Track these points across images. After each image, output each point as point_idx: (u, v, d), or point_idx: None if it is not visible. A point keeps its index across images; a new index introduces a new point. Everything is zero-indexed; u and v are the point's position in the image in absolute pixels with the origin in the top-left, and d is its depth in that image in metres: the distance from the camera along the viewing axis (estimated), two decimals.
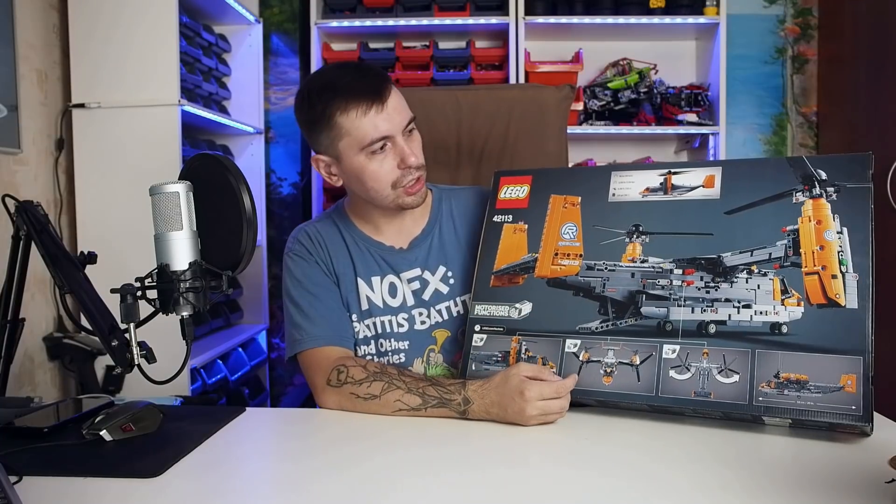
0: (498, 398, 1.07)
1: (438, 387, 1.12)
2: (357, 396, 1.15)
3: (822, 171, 1.07)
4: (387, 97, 1.21)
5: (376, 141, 1.21)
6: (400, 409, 1.12)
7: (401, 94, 1.26)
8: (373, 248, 1.34)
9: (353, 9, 2.83)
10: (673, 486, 0.85)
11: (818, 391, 0.97)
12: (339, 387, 1.17)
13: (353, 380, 1.16)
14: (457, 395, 1.10)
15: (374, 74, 1.24)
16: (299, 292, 1.30)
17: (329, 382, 1.18)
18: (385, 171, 1.23)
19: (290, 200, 3.07)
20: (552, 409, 1.06)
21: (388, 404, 1.13)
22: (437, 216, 1.37)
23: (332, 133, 1.23)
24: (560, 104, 1.66)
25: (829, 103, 2.94)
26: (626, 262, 1.15)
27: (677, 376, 1.05)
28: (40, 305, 2.08)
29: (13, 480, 0.85)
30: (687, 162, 2.68)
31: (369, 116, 1.20)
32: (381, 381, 1.14)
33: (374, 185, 1.25)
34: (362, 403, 1.14)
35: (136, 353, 1.02)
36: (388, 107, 1.21)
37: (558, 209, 1.24)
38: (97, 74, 2.13)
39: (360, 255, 1.33)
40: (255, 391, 2.80)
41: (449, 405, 1.10)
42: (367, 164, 1.23)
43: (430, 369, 1.31)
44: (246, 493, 0.89)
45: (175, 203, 1.02)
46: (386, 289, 1.32)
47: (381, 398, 1.13)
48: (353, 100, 1.20)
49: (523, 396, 1.05)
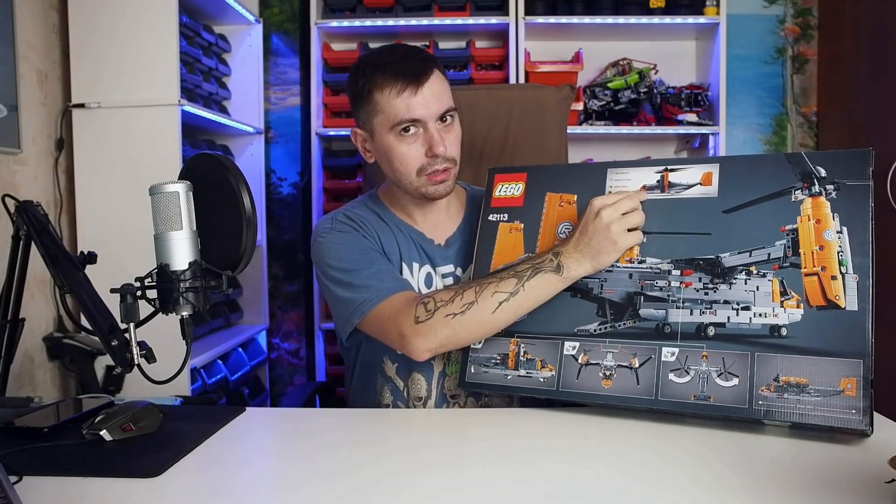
0: (587, 245, 1.09)
1: (525, 262, 1.13)
2: (454, 315, 1.11)
3: (821, 168, 1.06)
4: (424, 81, 1.21)
5: (406, 122, 1.21)
6: (500, 303, 1.10)
7: (446, 82, 1.26)
8: (415, 236, 1.33)
9: (353, 9, 2.83)
10: (673, 486, 0.85)
11: (818, 395, 0.96)
12: (431, 316, 1.12)
13: (442, 301, 1.13)
14: (547, 258, 1.11)
15: (419, 58, 1.24)
16: (354, 258, 1.25)
17: (418, 319, 1.13)
18: (412, 155, 1.23)
19: (290, 200, 3.07)
20: (634, 223, 1.09)
21: (487, 302, 1.10)
22: (470, 216, 1.36)
23: (369, 108, 1.24)
24: (560, 104, 1.67)
25: (829, 103, 2.94)
26: (624, 262, 1.14)
27: (677, 379, 1.05)
28: (40, 305, 2.08)
29: (13, 480, 0.85)
30: (684, 158, 2.67)
31: (402, 97, 1.21)
32: (471, 288, 1.13)
33: (401, 167, 1.25)
34: (461, 320, 1.11)
35: (136, 353, 1.02)
36: (424, 91, 1.21)
37: (554, 208, 1.23)
38: (97, 74, 2.13)
39: (405, 241, 1.32)
40: (255, 391, 2.81)
41: (542, 268, 1.10)
42: (396, 145, 1.23)
43: (449, 366, 1.29)
44: (246, 493, 0.89)
45: (175, 203, 1.02)
46: (423, 278, 1.32)
47: (478, 301, 1.11)
48: (391, 78, 1.21)
49: (609, 231, 1.07)
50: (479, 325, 1.12)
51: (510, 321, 1.13)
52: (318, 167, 2.88)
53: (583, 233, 1.10)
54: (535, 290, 1.10)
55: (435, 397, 1.29)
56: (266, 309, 2.93)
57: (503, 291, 1.10)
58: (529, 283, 1.09)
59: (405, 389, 1.30)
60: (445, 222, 1.36)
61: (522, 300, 1.10)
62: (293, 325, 3.09)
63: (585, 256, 1.09)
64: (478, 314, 1.11)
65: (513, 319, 1.13)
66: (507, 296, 1.10)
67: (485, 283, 1.13)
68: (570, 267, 1.09)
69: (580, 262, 1.09)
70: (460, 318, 1.11)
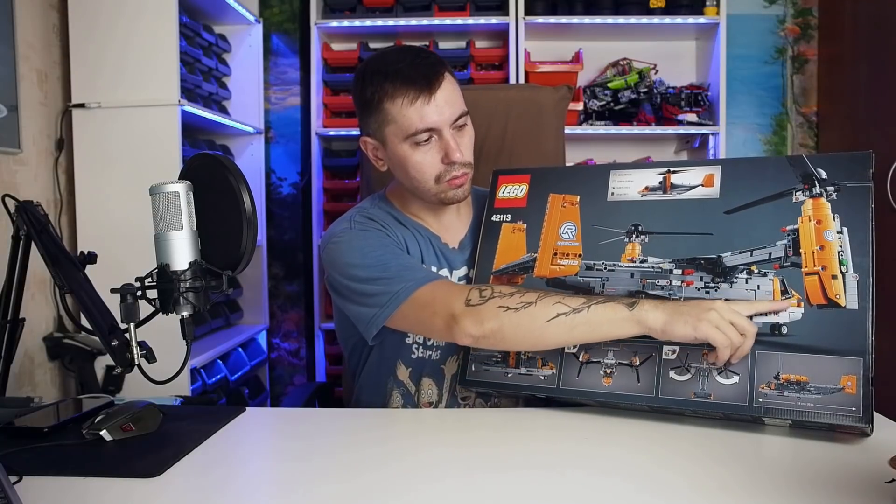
0: (674, 304, 1.00)
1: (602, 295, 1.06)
2: (507, 308, 1.05)
3: (822, 170, 1.06)
4: (436, 88, 1.17)
5: (421, 132, 1.18)
6: (559, 314, 1.02)
7: (456, 84, 1.23)
8: (434, 240, 1.31)
9: (353, 9, 2.83)
10: (673, 487, 0.85)
11: (818, 392, 0.96)
12: (484, 302, 1.06)
13: (500, 293, 1.07)
14: (625, 297, 1.05)
15: (429, 63, 1.19)
16: (378, 254, 1.20)
17: (469, 302, 1.07)
18: (428, 163, 1.20)
19: (290, 200, 3.07)
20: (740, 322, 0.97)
21: (545, 309, 1.03)
22: (478, 217, 1.34)
23: (380, 118, 1.20)
24: (557, 104, 1.66)
25: (829, 103, 2.94)
26: (626, 261, 1.15)
27: (677, 377, 1.05)
28: (40, 305, 2.08)
29: (13, 480, 0.85)
30: (686, 161, 2.67)
31: (416, 106, 1.17)
32: (536, 291, 1.07)
33: (417, 175, 1.22)
34: (513, 317, 1.04)
35: (136, 352, 1.02)
36: (437, 98, 1.17)
37: (557, 208, 1.23)
38: (97, 74, 2.13)
39: (425, 244, 1.30)
40: (255, 391, 2.80)
41: (616, 300, 1.03)
42: (412, 155, 1.20)
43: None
44: (246, 493, 0.89)
45: (175, 203, 1.02)
46: None
47: (537, 304, 1.04)
48: (402, 87, 1.17)
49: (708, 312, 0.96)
50: (528, 330, 1.05)
51: (562, 341, 1.06)
52: (318, 167, 2.88)
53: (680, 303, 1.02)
54: (599, 315, 1.02)
55: (446, 401, 1.28)
56: (266, 309, 2.93)
57: (566, 305, 1.03)
58: (596, 307, 1.02)
59: (416, 394, 1.29)
60: (457, 225, 1.34)
61: (582, 321, 1.02)
62: (293, 325, 3.09)
63: (664, 311, 1.00)
64: (531, 317, 1.04)
65: (566, 340, 1.06)
66: (568, 310, 1.02)
67: (552, 292, 1.07)
68: (645, 309, 1.01)
69: (657, 310, 1.01)
70: (513, 314, 1.05)
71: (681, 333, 0.99)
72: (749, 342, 0.98)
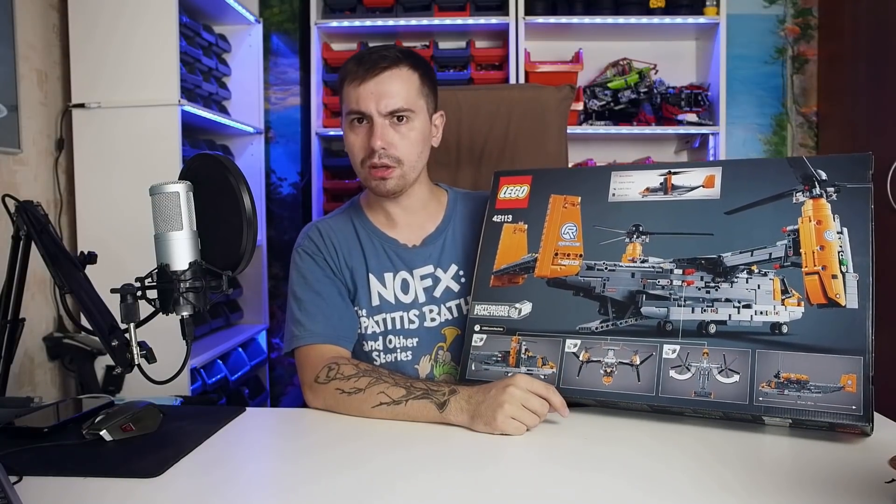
0: (477, 403, 1.05)
1: (430, 383, 1.13)
2: (342, 392, 1.14)
3: (822, 172, 1.07)
4: (377, 74, 1.24)
5: (353, 112, 1.27)
6: (381, 403, 1.11)
7: (415, 83, 1.28)
8: (387, 244, 1.34)
9: (353, 9, 2.83)
10: (673, 487, 0.85)
11: (818, 391, 0.97)
12: (327, 383, 1.17)
13: (342, 376, 1.16)
14: (444, 391, 1.09)
15: (383, 54, 1.27)
16: (303, 289, 1.31)
17: (317, 379, 1.18)
18: (357, 145, 1.28)
19: (290, 200, 3.08)
20: (526, 420, 1.03)
21: (370, 397, 1.12)
22: (452, 216, 1.38)
23: (341, 97, 1.31)
24: (560, 104, 1.66)
25: (829, 103, 2.94)
26: (627, 261, 1.15)
27: (677, 376, 1.05)
28: (40, 305, 2.08)
29: (13, 480, 0.85)
30: (687, 162, 2.68)
31: (353, 87, 1.26)
32: (370, 377, 1.14)
33: (350, 155, 1.31)
34: (345, 399, 1.14)
35: (136, 353, 1.02)
36: (373, 86, 1.24)
37: (558, 209, 1.24)
38: (97, 74, 2.13)
39: (374, 251, 1.34)
40: (255, 391, 2.80)
41: (432, 397, 1.09)
42: (348, 133, 1.29)
43: (437, 367, 1.31)
44: (246, 493, 0.89)
45: (175, 203, 1.02)
46: (398, 285, 1.33)
47: (365, 391, 1.12)
48: (352, 69, 1.27)
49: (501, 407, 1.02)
50: (357, 410, 1.13)
51: (388, 419, 1.12)
52: (318, 167, 2.88)
53: (486, 391, 1.06)
54: (414, 410, 1.09)
55: None
56: (266, 309, 2.93)
57: (388, 396, 1.11)
58: (412, 402, 1.10)
59: None
60: (424, 223, 1.37)
61: (400, 412, 1.10)
62: None
63: (467, 412, 1.06)
64: (358, 403, 1.13)
65: (390, 419, 1.11)
66: (389, 401, 1.11)
67: (381, 381, 1.13)
68: (451, 411, 1.07)
69: (462, 412, 1.06)
70: (345, 397, 1.14)
71: (482, 431, 1.04)
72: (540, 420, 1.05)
